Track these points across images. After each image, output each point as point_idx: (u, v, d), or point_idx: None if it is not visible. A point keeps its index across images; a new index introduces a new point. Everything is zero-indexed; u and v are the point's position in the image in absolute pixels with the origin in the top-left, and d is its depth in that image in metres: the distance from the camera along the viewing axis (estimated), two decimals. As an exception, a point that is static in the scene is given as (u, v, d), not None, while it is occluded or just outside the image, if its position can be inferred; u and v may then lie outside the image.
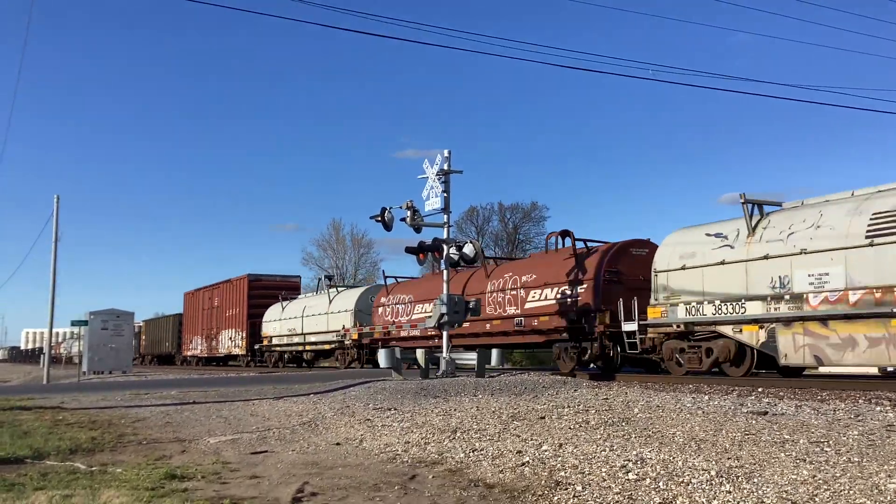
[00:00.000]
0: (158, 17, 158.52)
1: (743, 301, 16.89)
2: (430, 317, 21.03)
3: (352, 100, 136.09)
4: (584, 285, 21.40)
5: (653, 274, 19.23)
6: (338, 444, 9.58)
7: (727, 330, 17.24)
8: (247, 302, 42.74)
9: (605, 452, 7.64)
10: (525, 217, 73.18)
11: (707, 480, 6.25)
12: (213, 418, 12.51)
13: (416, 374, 19.73)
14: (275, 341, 39.81)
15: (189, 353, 51.76)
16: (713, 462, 6.86)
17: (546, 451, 7.98)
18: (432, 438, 9.31)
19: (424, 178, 20.58)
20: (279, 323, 39.55)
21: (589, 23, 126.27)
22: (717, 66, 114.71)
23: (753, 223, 17.24)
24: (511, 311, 23.94)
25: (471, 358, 20.27)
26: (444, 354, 19.71)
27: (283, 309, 39.61)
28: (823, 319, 15.11)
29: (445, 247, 20.02)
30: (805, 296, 15.46)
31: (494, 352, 20.46)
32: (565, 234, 23.47)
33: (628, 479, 6.55)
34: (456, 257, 20.25)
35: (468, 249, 20.29)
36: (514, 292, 24.00)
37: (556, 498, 6.29)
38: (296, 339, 37.75)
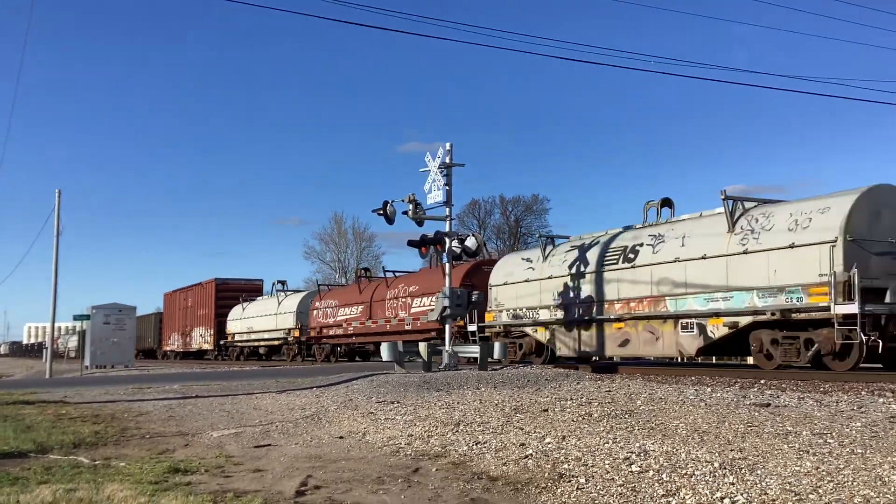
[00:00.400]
0: (158, 12, 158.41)
1: (537, 309, 22.96)
2: (351, 317, 25.43)
3: (355, 94, 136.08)
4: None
5: (489, 287, 24.94)
6: (341, 437, 9.59)
7: (529, 330, 23.48)
8: (214, 303, 47.86)
9: (608, 445, 7.64)
10: (527, 210, 73.36)
11: (710, 472, 6.25)
12: (216, 412, 12.53)
13: (418, 367, 19.76)
14: (237, 338, 45.15)
15: (168, 349, 56.00)
16: (716, 454, 6.86)
17: (549, 443, 7.98)
18: (435, 431, 9.32)
19: (426, 172, 20.57)
20: (240, 322, 44.92)
21: (590, 15, 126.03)
22: (720, 58, 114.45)
23: (546, 252, 23.48)
24: (402, 314, 30.05)
25: (473, 351, 20.29)
26: (447, 348, 19.73)
27: (244, 309, 44.96)
28: (579, 323, 21.37)
29: (448, 240, 20.01)
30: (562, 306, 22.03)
31: (497, 345, 20.48)
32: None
33: (631, 472, 6.55)
34: (458, 250, 20.25)
35: (470, 242, 20.29)
36: (405, 300, 30.11)
37: (559, 490, 6.29)
38: (253, 336, 43.33)
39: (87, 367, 35.26)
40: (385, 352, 20.24)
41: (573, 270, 21.69)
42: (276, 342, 41.15)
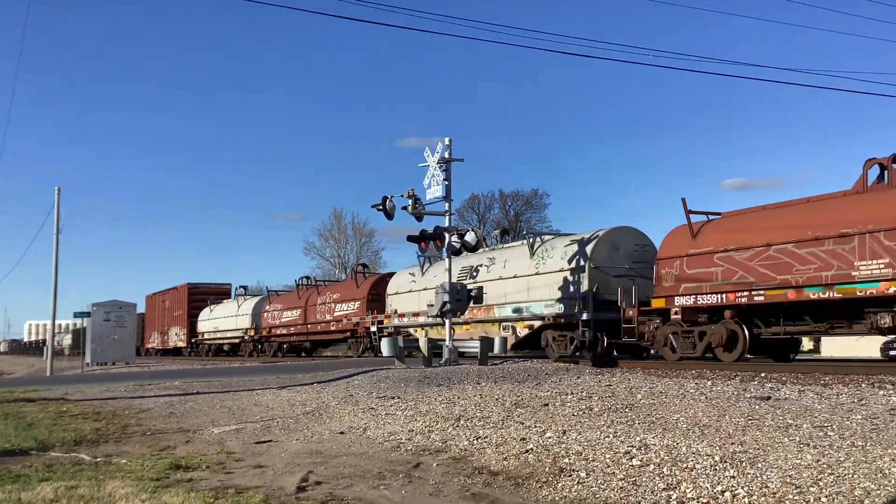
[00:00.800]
0: (156, 6, 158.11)
1: (417, 314, 28.34)
2: (292, 319, 33.54)
3: (353, 88, 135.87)
4: (359, 302, 33.74)
5: (387, 295, 30.89)
6: (342, 432, 9.60)
7: (412, 330, 28.79)
8: (187, 305, 53.06)
9: (608, 439, 7.64)
10: (526, 204, 73.22)
11: (711, 466, 6.26)
12: (217, 408, 12.54)
13: (418, 362, 19.77)
14: (206, 336, 50.72)
15: (149, 346, 60.66)
16: (717, 447, 6.87)
17: (550, 438, 7.98)
18: (436, 426, 9.32)
19: (425, 167, 20.54)
20: (208, 322, 50.54)
21: (589, 8, 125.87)
22: (720, 51, 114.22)
23: (424, 269, 29.03)
24: (328, 317, 36.25)
25: (473, 346, 20.29)
26: (447, 343, 19.73)
27: (211, 311, 50.71)
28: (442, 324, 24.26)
29: (447, 235, 20.00)
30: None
31: (497, 339, 20.50)
32: (364, 266, 38.75)
33: (632, 466, 6.55)
34: (458, 245, 20.23)
35: (470, 237, 20.26)
36: (331, 305, 36.17)
37: (560, 484, 6.30)
38: (218, 335, 49.11)
39: (88, 365, 35.27)
40: (385, 347, 20.26)
41: (439, 283, 25.22)
42: (237, 340, 46.95)
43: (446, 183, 20.06)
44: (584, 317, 20.79)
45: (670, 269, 18.59)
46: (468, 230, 20.61)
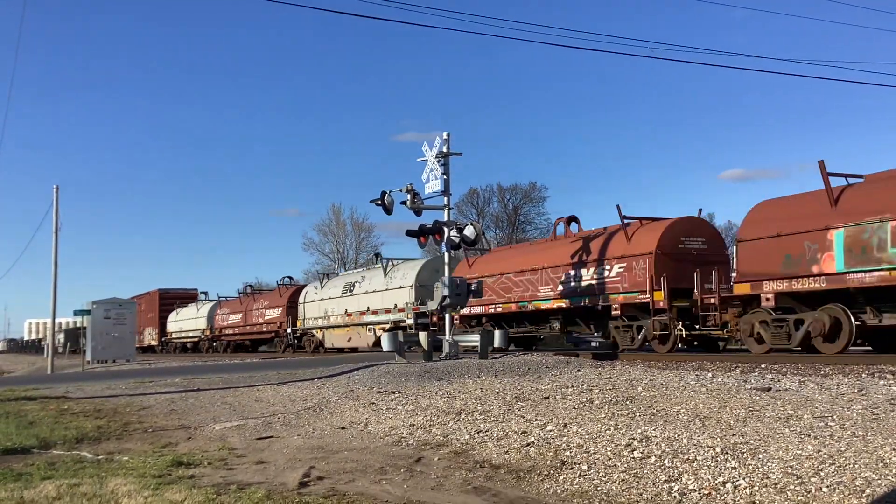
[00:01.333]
0: (153, 3, 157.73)
1: (319, 318, 37.78)
2: (236, 322, 45.11)
3: (351, 83, 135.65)
4: (281, 308, 42.13)
5: (299, 303, 40.12)
6: (343, 428, 9.61)
7: (315, 332, 38.51)
8: (158, 308, 60.43)
9: (609, 431, 7.65)
10: (525, 198, 73.27)
11: (712, 457, 6.27)
12: (218, 405, 12.55)
13: (418, 356, 19.77)
14: (173, 336, 59.01)
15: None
16: (718, 439, 6.87)
17: (551, 431, 8.00)
18: (437, 421, 9.33)
19: (424, 161, 20.52)
20: (175, 323, 58.70)
21: (588, 1, 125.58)
22: (719, 42, 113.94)
23: (323, 283, 38.76)
24: (261, 320, 44.71)
25: (473, 340, 20.30)
26: (447, 337, 19.73)
27: (178, 314, 58.49)
28: (334, 327, 36.63)
29: (446, 229, 19.97)
30: (328, 317, 36.83)
31: (498, 333, 20.50)
32: (290, 278, 45.63)
33: (633, 458, 6.56)
34: (457, 239, 20.20)
35: (469, 231, 20.23)
36: (262, 310, 44.64)
37: (561, 477, 6.31)
38: (183, 334, 57.48)
39: (89, 362, 35.29)
40: (385, 342, 20.24)
41: (331, 294, 37.09)
42: (196, 339, 54.99)
43: (445, 177, 20.03)
44: (411, 321, 25.04)
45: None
46: (467, 224, 20.58)
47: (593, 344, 27.46)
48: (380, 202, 20.43)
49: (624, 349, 21.02)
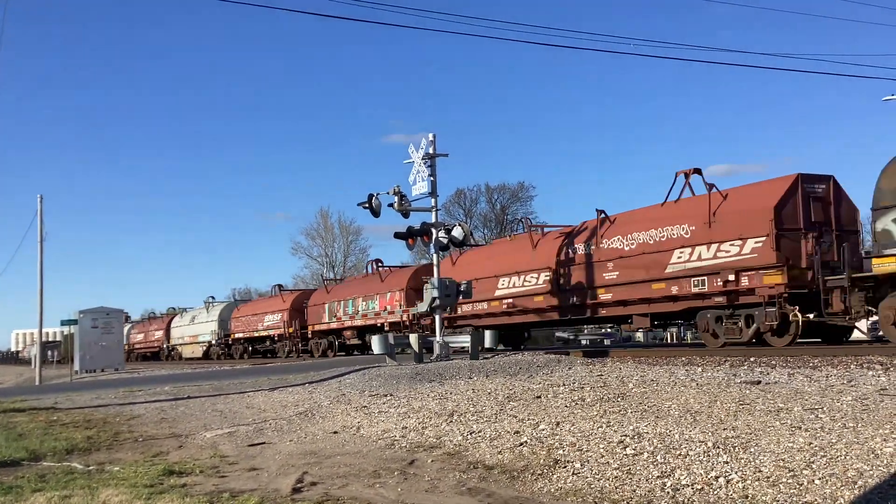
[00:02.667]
0: (137, 9, 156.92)
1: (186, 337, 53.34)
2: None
3: (337, 86, 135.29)
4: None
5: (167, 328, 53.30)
6: (335, 432, 9.58)
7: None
8: None
9: (602, 429, 7.66)
10: (512, 197, 73.33)
11: (704, 452, 6.29)
12: (209, 412, 12.49)
13: (409, 358, 19.75)
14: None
15: None
16: (709, 433, 6.90)
17: (543, 430, 8.00)
18: (429, 423, 9.32)
19: (411, 163, 20.51)
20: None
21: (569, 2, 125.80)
22: (702, 37, 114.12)
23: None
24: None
25: (464, 340, 20.30)
26: (438, 338, 19.73)
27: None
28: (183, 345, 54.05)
29: (434, 230, 19.98)
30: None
31: (488, 333, 20.52)
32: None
33: (626, 455, 6.58)
34: (445, 241, 20.21)
35: (457, 232, 20.24)
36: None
37: (555, 476, 6.32)
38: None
39: (77, 372, 35.08)
40: (376, 345, 20.22)
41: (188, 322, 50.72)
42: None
43: (431, 179, 20.03)
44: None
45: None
46: (455, 225, 20.59)
47: (584, 342, 27.44)
48: (367, 205, 20.40)
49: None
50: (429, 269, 28.91)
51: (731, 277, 16.99)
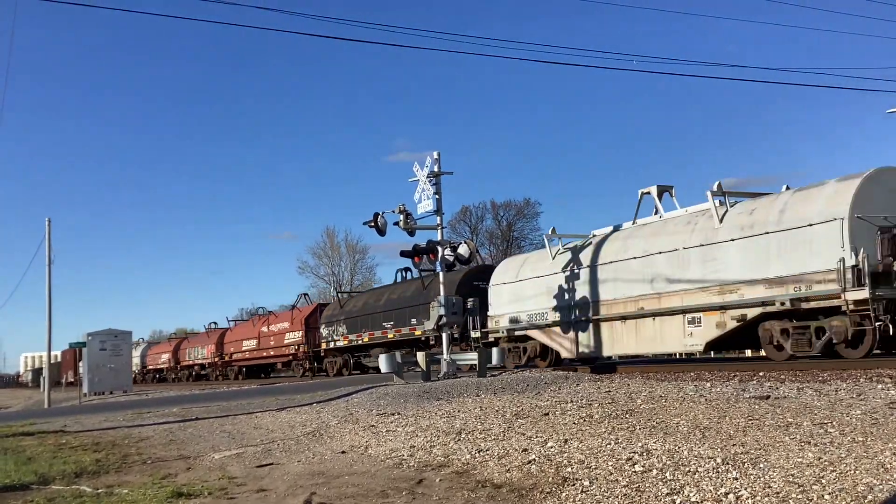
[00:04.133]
0: (144, 29, 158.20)
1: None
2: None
3: (342, 105, 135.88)
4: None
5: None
6: (343, 452, 9.57)
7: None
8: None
9: (610, 446, 7.64)
10: (518, 214, 73.37)
11: (713, 468, 6.26)
12: (217, 433, 12.49)
13: (417, 377, 19.73)
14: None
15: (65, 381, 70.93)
16: (718, 449, 6.87)
17: (552, 447, 7.98)
18: (437, 441, 9.30)
19: (416, 181, 20.58)
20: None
21: (573, 16, 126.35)
22: (708, 52, 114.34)
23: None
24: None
25: (471, 358, 20.28)
26: (445, 356, 19.71)
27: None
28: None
29: (440, 248, 20.02)
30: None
31: (495, 350, 20.49)
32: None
33: (635, 472, 6.55)
34: (451, 258, 20.24)
35: (462, 250, 20.28)
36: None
37: (563, 494, 6.29)
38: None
39: (86, 395, 35.12)
40: (383, 363, 20.21)
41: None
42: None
43: (437, 196, 20.10)
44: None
45: None
46: (461, 242, 20.63)
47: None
48: (372, 224, 20.46)
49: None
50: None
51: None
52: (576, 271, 21.85)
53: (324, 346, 37.49)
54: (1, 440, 13.37)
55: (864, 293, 14.52)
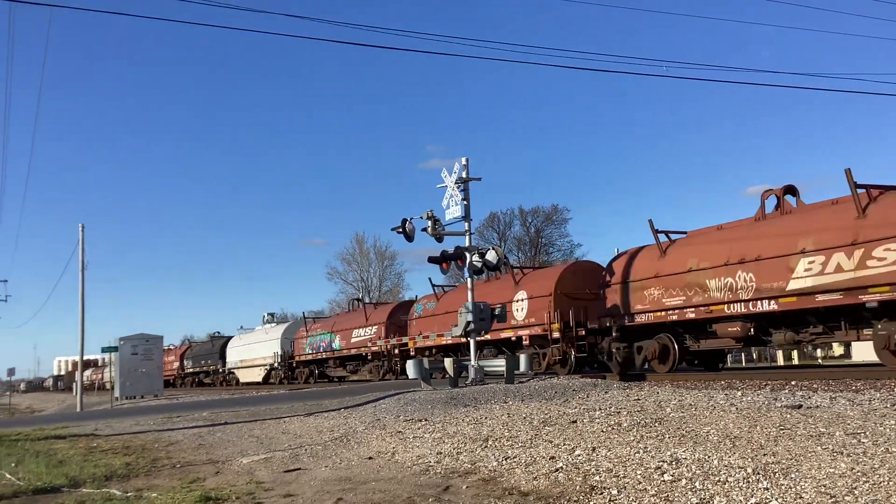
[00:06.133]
0: (178, 38, 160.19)
1: None
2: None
3: (376, 112, 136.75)
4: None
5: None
6: (370, 458, 9.57)
7: None
8: None
9: (639, 454, 7.57)
10: (547, 220, 73.16)
11: (744, 478, 6.17)
12: (246, 438, 12.56)
13: (444, 383, 19.72)
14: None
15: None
16: (749, 459, 6.78)
17: (579, 455, 7.92)
18: (464, 448, 9.28)
19: (444, 187, 20.60)
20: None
21: (602, 22, 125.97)
22: (741, 58, 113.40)
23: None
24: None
25: (499, 365, 20.22)
26: (473, 362, 19.67)
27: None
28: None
29: (468, 254, 20.01)
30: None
31: (523, 357, 20.42)
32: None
33: (664, 481, 6.48)
34: (479, 264, 20.23)
35: (491, 256, 20.26)
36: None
37: (591, 503, 6.24)
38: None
39: (117, 399, 35.51)
40: (411, 369, 20.23)
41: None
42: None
43: (465, 203, 20.10)
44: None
45: None
46: (489, 249, 20.60)
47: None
48: (401, 230, 20.51)
49: None
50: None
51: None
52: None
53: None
54: (33, 443, 13.55)
55: None
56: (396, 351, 33.57)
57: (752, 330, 18.41)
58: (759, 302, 17.67)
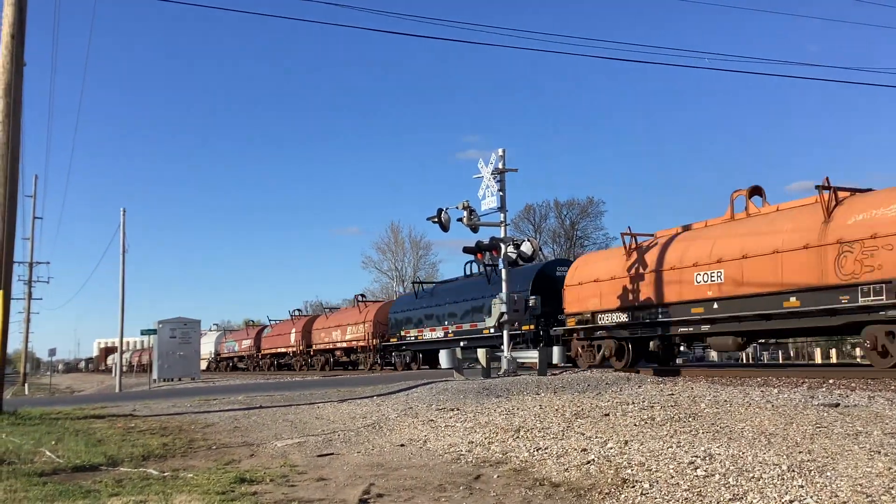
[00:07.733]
0: (217, 30, 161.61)
1: None
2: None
3: (415, 102, 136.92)
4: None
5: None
6: (402, 445, 9.63)
7: None
8: None
9: (672, 449, 7.52)
10: (582, 213, 72.76)
11: (778, 475, 6.11)
12: (280, 422, 12.69)
13: (477, 373, 19.75)
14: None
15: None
16: (784, 456, 6.71)
17: (611, 448, 7.90)
18: (496, 438, 9.29)
19: (480, 178, 20.57)
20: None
21: (644, 13, 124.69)
22: (788, 52, 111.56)
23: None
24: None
25: (531, 356, 20.20)
26: (506, 353, 19.68)
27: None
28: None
29: (503, 245, 19.98)
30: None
31: (556, 349, 20.38)
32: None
33: (697, 476, 6.44)
34: (514, 256, 20.20)
35: (526, 248, 20.22)
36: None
37: (622, 496, 6.22)
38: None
39: (155, 381, 36.09)
40: (444, 359, 20.29)
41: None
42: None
43: (501, 193, 20.07)
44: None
45: None
46: (524, 240, 20.57)
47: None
48: (436, 220, 20.54)
49: None
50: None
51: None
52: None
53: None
54: (73, 422, 13.82)
55: None
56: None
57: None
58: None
